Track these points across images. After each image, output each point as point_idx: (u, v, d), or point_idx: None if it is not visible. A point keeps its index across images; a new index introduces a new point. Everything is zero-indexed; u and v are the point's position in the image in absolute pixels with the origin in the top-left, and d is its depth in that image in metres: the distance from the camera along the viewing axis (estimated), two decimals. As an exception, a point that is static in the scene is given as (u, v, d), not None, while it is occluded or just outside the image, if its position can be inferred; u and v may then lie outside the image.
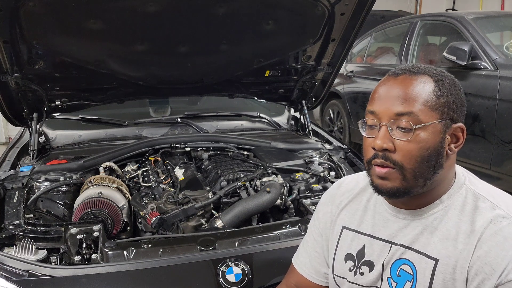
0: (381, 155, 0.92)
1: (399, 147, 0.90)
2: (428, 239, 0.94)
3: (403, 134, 0.90)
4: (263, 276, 1.36)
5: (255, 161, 2.10)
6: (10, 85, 2.08)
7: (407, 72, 0.94)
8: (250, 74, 2.43)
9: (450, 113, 0.92)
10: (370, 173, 0.97)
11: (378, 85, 0.97)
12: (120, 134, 2.53)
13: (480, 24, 3.68)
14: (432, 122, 0.90)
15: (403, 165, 0.90)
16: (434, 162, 0.91)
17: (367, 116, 0.96)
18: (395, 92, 0.92)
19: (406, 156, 0.90)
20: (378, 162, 0.92)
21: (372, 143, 0.93)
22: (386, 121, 0.92)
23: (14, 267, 1.27)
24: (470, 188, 0.96)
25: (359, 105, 4.87)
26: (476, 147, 3.37)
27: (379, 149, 0.92)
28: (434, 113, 0.90)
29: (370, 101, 0.96)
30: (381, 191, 0.95)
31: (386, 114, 0.92)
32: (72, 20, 1.85)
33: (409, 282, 0.95)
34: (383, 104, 0.92)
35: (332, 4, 2.02)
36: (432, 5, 8.38)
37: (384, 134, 0.91)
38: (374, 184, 0.96)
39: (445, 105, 0.91)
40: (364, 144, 0.98)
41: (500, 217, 0.88)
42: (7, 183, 1.82)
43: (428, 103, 0.90)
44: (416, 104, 0.90)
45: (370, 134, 0.95)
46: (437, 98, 0.91)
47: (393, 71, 0.97)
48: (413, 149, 0.90)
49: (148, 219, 1.64)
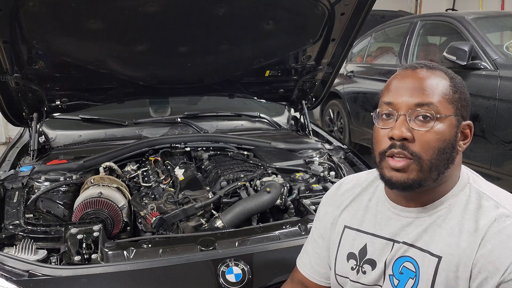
0: (398, 145, 0.91)
1: (418, 137, 0.90)
2: (432, 237, 0.94)
3: (422, 124, 0.90)
4: (263, 276, 1.35)
5: (255, 161, 2.10)
6: (10, 85, 2.08)
7: (424, 66, 0.95)
8: (250, 74, 2.43)
9: (462, 109, 0.94)
10: (382, 165, 0.95)
11: (394, 78, 0.97)
12: (120, 134, 2.53)
13: (480, 24, 3.68)
14: (449, 114, 0.92)
15: (420, 156, 0.90)
16: (448, 155, 0.92)
17: (383, 107, 0.95)
18: (413, 84, 0.92)
19: (424, 147, 0.90)
20: (396, 152, 0.91)
21: (390, 133, 0.92)
22: (404, 111, 0.91)
23: (14, 267, 1.27)
24: (474, 187, 0.96)
25: (359, 105, 4.87)
26: (476, 147, 3.37)
27: (398, 138, 0.90)
28: (451, 107, 0.92)
29: (386, 93, 0.96)
30: (394, 184, 0.93)
31: (405, 104, 0.91)
32: (72, 20, 1.85)
33: (412, 280, 0.95)
34: (402, 94, 0.93)
35: (332, 4, 2.02)
36: (432, 5, 8.39)
37: (402, 123, 0.91)
38: (387, 176, 0.94)
39: (459, 101, 0.94)
40: (377, 135, 0.96)
41: (504, 216, 0.89)
42: (7, 183, 1.82)
43: (446, 96, 0.92)
44: (435, 95, 0.91)
45: (385, 125, 0.94)
46: (453, 93, 0.93)
47: (410, 65, 0.97)
48: (431, 139, 0.90)
49: (148, 219, 1.64)
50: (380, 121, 0.96)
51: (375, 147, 0.97)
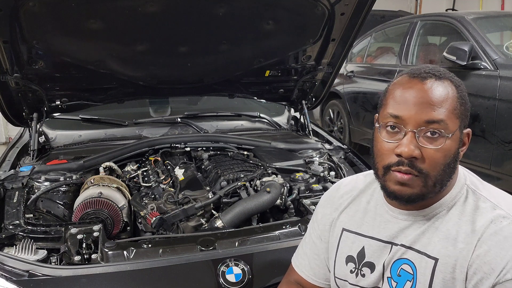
0: (407, 163, 0.88)
1: (427, 155, 0.88)
2: (429, 239, 0.94)
3: (431, 141, 0.88)
4: (263, 276, 1.35)
5: (255, 161, 2.10)
6: (10, 85, 2.08)
7: (432, 76, 0.91)
8: (250, 74, 2.43)
9: (465, 119, 0.92)
10: (385, 178, 0.93)
11: (400, 86, 0.92)
12: (120, 134, 2.53)
13: (480, 24, 3.68)
14: (456, 129, 0.89)
15: (428, 173, 0.88)
16: (452, 168, 0.91)
17: (388, 119, 0.91)
18: (424, 97, 0.88)
19: (432, 164, 0.88)
20: (403, 170, 0.88)
21: (397, 149, 0.89)
22: (414, 128, 0.88)
23: (14, 267, 1.27)
24: (471, 188, 0.96)
25: (359, 105, 4.87)
26: (476, 147, 3.37)
27: (408, 157, 0.87)
28: (458, 121, 0.90)
29: (391, 103, 0.91)
30: (399, 198, 0.92)
31: (415, 120, 0.88)
32: (72, 20, 1.85)
33: (409, 282, 0.95)
34: (411, 109, 0.88)
35: (332, 4, 2.02)
36: (432, 5, 8.39)
37: (411, 141, 0.88)
38: (390, 189, 0.92)
39: (464, 113, 0.92)
40: (381, 148, 0.92)
41: (501, 217, 0.89)
42: (7, 183, 1.81)
43: (455, 111, 0.89)
44: (446, 111, 0.88)
45: (390, 139, 0.91)
46: (460, 105, 0.90)
47: (418, 73, 0.92)
48: (440, 157, 0.88)
49: (148, 219, 1.64)
50: (384, 132, 0.92)
51: (378, 160, 0.94)
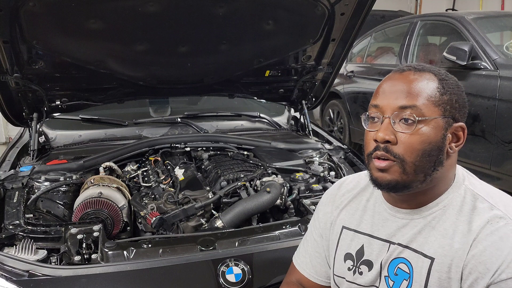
0: (382, 147, 0.92)
1: (401, 140, 0.91)
2: (426, 238, 0.94)
3: (406, 127, 0.91)
4: (263, 276, 1.36)
5: (255, 161, 2.10)
6: (10, 85, 2.08)
7: (412, 68, 0.96)
8: (250, 74, 2.43)
9: (452, 111, 0.93)
10: (369, 167, 0.97)
11: (383, 81, 0.98)
12: (120, 134, 2.53)
13: (480, 24, 3.68)
14: (434, 117, 0.91)
15: (404, 158, 0.91)
16: (435, 158, 0.92)
17: (370, 110, 0.97)
18: (399, 87, 0.93)
19: (407, 149, 0.91)
20: (379, 154, 0.93)
21: (374, 135, 0.94)
22: (389, 114, 0.93)
23: (14, 267, 1.27)
24: (469, 188, 0.96)
25: (359, 105, 4.87)
26: (476, 147, 3.37)
27: (381, 140, 0.92)
28: (437, 109, 0.92)
29: (374, 96, 0.97)
30: (380, 185, 0.95)
31: (390, 107, 0.93)
32: (72, 20, 1.85)
33: (406, 281, 0.95)
34: (387, 98, 0.94)
35: (332, 4, 2.02)
36: (432, 5, 8.39)
37: (387, 126, 0.92)
38: (373, 177, 0.96)
39: (448, 103, 0.93)
40: (365, 138, 0.98)
41: (498, 218, 0.89)
42: (7, 183, 1.82)
43: (431, 98, 0.92)
44: (420, 98, 0.91)
45: (372, 128, 0.96)
46: (440, 94, 0.92)
47: (399, 67, 0.98)
48: (415, 142, 0.90)
49: (148, 219, 1.64)
50: (369, 123, 0.97)
51: (364, 149, 0.99)
